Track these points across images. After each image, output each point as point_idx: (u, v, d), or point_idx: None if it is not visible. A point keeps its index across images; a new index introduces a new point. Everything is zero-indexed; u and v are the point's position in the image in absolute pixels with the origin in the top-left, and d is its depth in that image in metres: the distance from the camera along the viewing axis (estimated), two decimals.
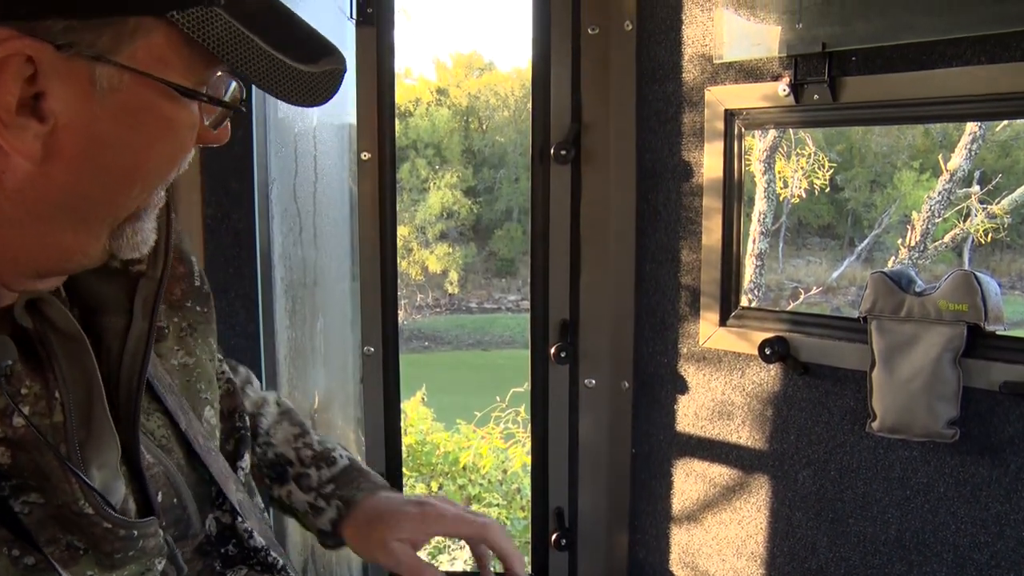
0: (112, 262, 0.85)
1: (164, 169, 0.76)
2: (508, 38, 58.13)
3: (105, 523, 0.78)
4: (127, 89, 0.69)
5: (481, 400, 7.00)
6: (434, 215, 27.04)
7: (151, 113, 0.72)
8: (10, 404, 0.73)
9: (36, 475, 0.74)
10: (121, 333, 0.86)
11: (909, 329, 1.96)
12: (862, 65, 1.98)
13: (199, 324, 1.01)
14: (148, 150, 0.73)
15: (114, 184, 0.73)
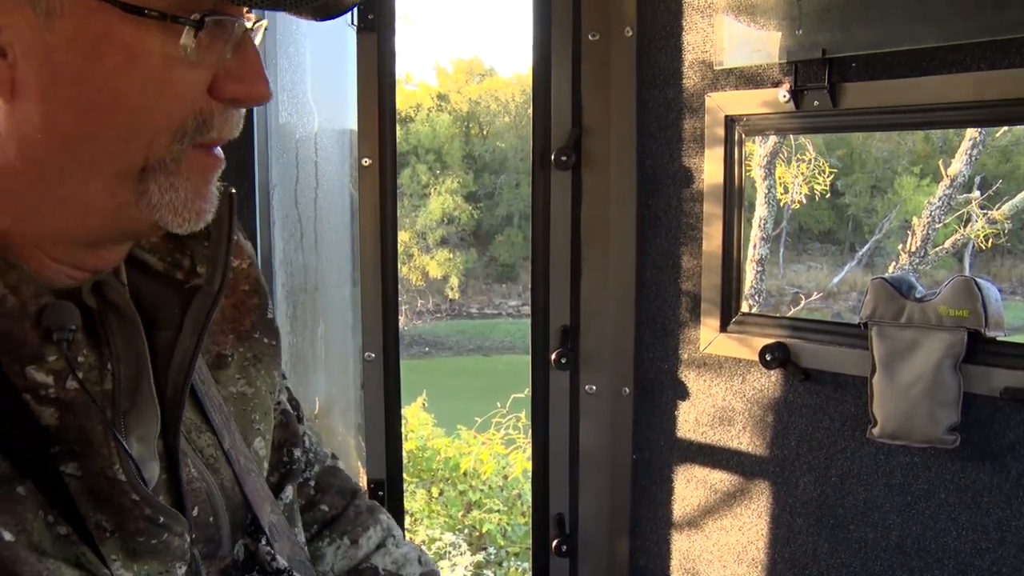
0: (165, 266, 0.88)
1: (151, 107, 0.73)
2: (509, 43, 58.22)
3: (134, 494, 0.79)
4: (72, 13, 0.68)
5: (482, 406, 7.00)
6: (435, 220, 27.09)
7: (108, 40, 0.69)
8: (67, 367, 0.76)
9: (79, 439, 0.76)
10: (170, 347, 0.87)
11: (910, 335, 1.96)
12: (862, 71, 1.99)
13: (264, 356, 1.02)
14: (115, 82, 0.71)
15: (98, 124, 0.72)
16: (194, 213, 0.78)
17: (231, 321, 0.99)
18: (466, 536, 5.95)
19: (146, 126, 0.73)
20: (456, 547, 5.75)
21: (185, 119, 0.74)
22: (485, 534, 5.91)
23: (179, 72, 0.72)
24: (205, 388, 0.95)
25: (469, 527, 6.00)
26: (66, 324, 0.76)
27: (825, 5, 2.00)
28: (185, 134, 0.75)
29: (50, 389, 0.75)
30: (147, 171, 0.75)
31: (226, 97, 0.76)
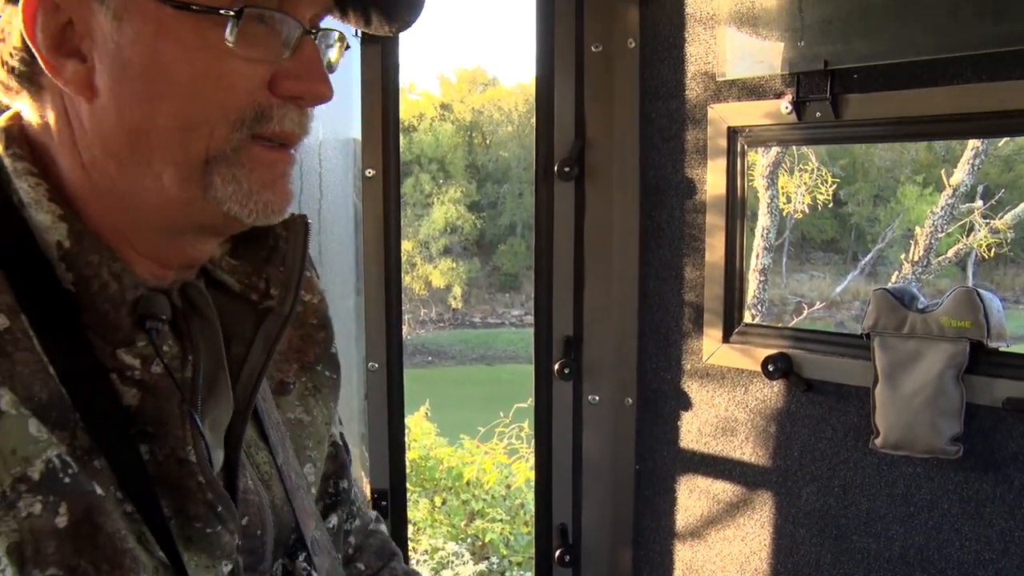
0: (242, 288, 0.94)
1: (206, 97, 0.78)
2: (511, 53, 58.30)
3: (200, 476, 0.84)
4: (136, 15, 0.75)
5: (485, 415, 7.01)
6: (438, 230, 27.10)
7: (164, 36, 0.76)
8: (154, 353, 0.82)
9: (155, 420, 0.82)
10: (240, 362, 0.93)
11: (912, 346, 1.96)
12: (864, 83, 2.00)
13: (324, 387, 1.08)
14: (173, 75, 0.77)
15: (161, 114, 0.78)
16: (261, 205, 0.82)
17: (296, 351, 1.06)
18: (469, 545, 5.94)
19: (203, 116, 0.78)
20: (459, 557, 5.74)
21: (242, 110, 0.79)
22: (488, 543, 5.90)
23: (230, 64, 0.77)
24: (266, 406, 1.00)
25: (472, 536, 5.99)
26: (158, 313, 0.82)
27: (827, 17, 2.01)
28: (243, 124, 0.79)
29: (136, 371, 0.82)
30: (210, 163, 0.79)
31: (284, 93, 0.81)
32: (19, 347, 0.75)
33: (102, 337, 0.80)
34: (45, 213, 0.80)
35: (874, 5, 1.95)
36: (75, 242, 0.80)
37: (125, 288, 0.81)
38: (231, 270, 0.94)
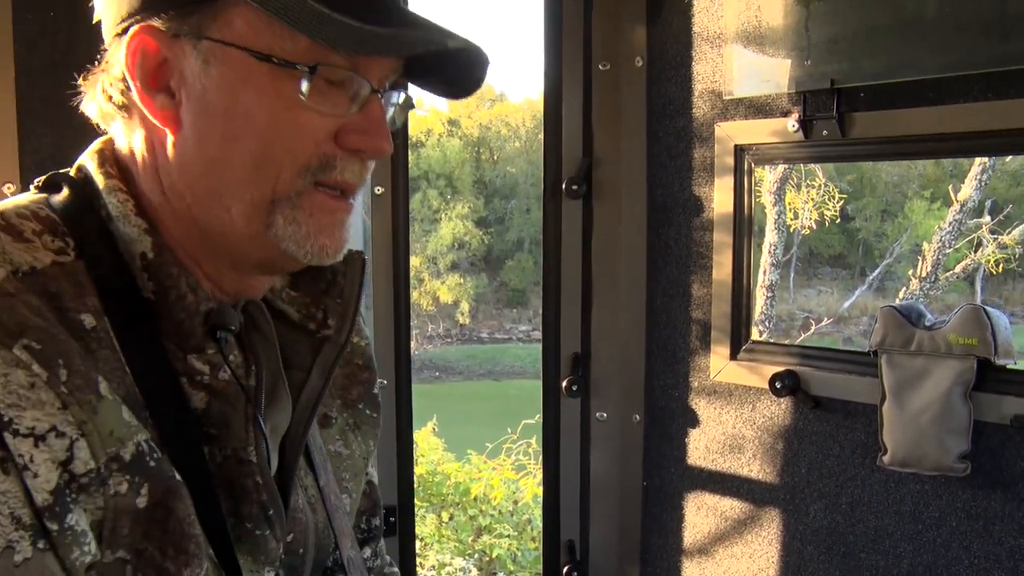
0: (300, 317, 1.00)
1: (277, 142, 0.84)
2: (519, 70, 58.47)
3: (258, 476, 0.90)
4: (222, 61, 0.83)
5: (492, 431, 7.00)
6: (445, 245, 27.15)
7: (245, 82, 0.83)
8: (222, 360, 0.89)
9: (220, 422, 0.88)
10: (299, 387, 0.99)
11: (919, 363, 1.97)
12: (870, 101, 2.00)
13: (364, 424, 1.17)
14: (250, 118, 0.84)
15: (236, 153, 0.85)
16: (316, 248, 0.89)
17: (341, 388, 1.14)
18: (476, 561, 5.93)
19: (273, 159, 0.85)
20: (466, 572, 5.73)
21: (308, 158, 0.86)
22: (495, 559, 5.88)
23: (302, 115, 0.84)
24: (312, 432, 1.05)
25: (479, 552, 5.98)
26: (228, 324, 0.89)
27: (833, 36, 2.02)
28: (308, 171, 0.86)
29: (205, 376, 0.88)
30: (275, 203, 0.86)
31: (348, 146, 0.87)
32: (102, 345, 0.81)
33: (176, 343, 0.87)
34: (132, 226, 0.87)
35: (880, 24, 1.96)
36: (157, 254, 0.87)
37: (199, 300, 0.88)
38: (291, 301, 1.01)
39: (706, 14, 2.22)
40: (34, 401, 0.73)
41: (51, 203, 0.89)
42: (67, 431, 0.74)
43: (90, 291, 0.83)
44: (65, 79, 1.92)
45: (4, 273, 0.77)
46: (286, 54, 0.82)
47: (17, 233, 0.82)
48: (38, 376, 0.73)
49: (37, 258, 0.81)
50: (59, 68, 1.91)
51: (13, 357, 0.73)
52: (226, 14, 0.83)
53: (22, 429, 0.72)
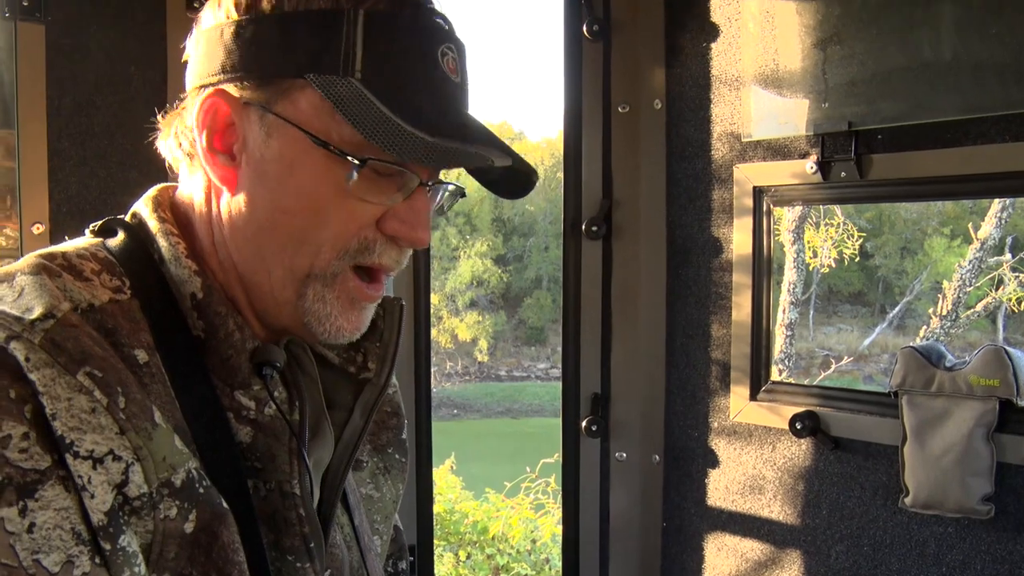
0: (341, 360, 1.04)
1: (322, 222, 0.89)
2: (537, 109, 58.81)
3: (301, 508, 0.93)
4: (283, 136, 0.88)
5: (510, 469, 6.98)
6: (464, 283, 27.18)
7: (301, 162, 0.88)
8: (267, 396, 0.92)
9: (265, 456, 0.91)
10: (341, 425, 1.02)
11: (940, 404, 1.96)
12: (888, 143, 2.02)
13: (393, 469, 1.20)
14: (299, 193, 0.89)
15: (282, 222, 0.90)
16: (334, 328, 0.93)
17: (371, 434, 1.17)
18: None
19: (316, 236, 0.89)
20: None
21: (348, 241, 0.90)
22: None
23: (348, 201, 0.89)
24: None
25: None
26: (274, 361, 0.92)
27: (851, 79, 2.04)
28: (347, 253, 0.91)
29: (251, 411, 0.91)
30: (310, 277, 0.91)
31: (388, 232, 0.92)
32: (154, 380, 0.85)
33: (223, 379, 0.91)
34: (183, 268, 0.91)
35: (897, 67, 1.98)
36: (206, 294, 0.91)
37: (246, 338, 0.92)
38: (330, 345, 1.03)
39: (724, 57, 2.25)
40: (94, 425, 0.76)
41: (107, 246, 0.93)
42: (123, 455, 0.77)
43: (144, 328, 0.87)
44: (93, 121, 1.96)
45: (68, 307, 0.81)
46: (342, 142, 0.87)
47: (78, 272, 0.87)
48: (99, 402, 0.77)
49: (96, 295, 0.85)
50: (87, 110, 1.95)
51: (77, 383, 0.76)
52: (294, 93, 0.88)
53: (82, 451, 0.75)
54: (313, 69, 0.87)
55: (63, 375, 0.76)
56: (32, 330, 0.77)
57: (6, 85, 1.86)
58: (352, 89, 0.86)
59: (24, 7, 1.83)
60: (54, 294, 0.81)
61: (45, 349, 0.76)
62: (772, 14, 2.16)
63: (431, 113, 0.89)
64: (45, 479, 0.74)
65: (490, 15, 61.60)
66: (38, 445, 0.74)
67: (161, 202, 0.96)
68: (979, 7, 1.87)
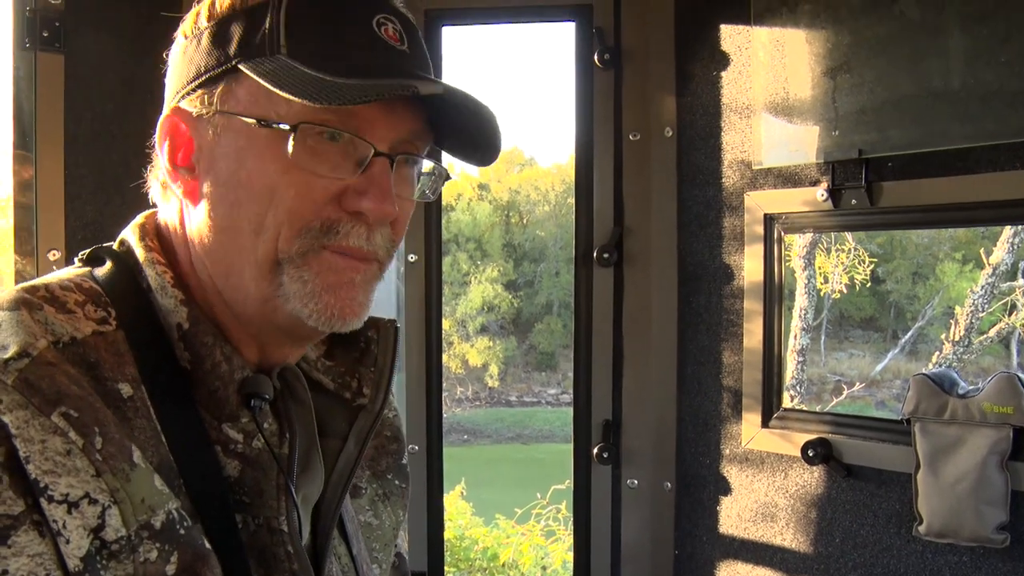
0: (336, 387, 1.03)
1: (277, 204, 0.87)
2: (548, 135, 59.03)
3: (290, 546, 0.91)
4: (230, 130, 0.88)
5: (521, 495, 6.95)
6: (475, 309, 27.19)
7: (248, 149, 0.88)
8: (256, 429, 0.91)
9: (253, 491, 0.90)
10: (334, 455, 1.01)
11: (953, 432, 1.96)
12: (898, 170, 2.02)
13: (393, 495, 1.18)
14: (251, 182, 0.87)
15: (241, 216, 0.88)
16: (322, 306, 0.89)
17: (370, 460, 1.15)
18: None
19: (271, 221, 0.87)
20: None
21: (306, 219, 0.88)
22: None
23: (296, 176, 0.87)
24: (344, 502, 1.06)
25: None
26: (262, 392, 0.90)
27: (860, 107, 2.05)
28: (310, 232, 0.88)
29: (239, 445, 0.90)
30: (281, 263, 0.88)
31: (350, 208, 0.89)
32: (138, 415, 0.83)
33: (210, 412, 0.89)
34: (169, 298, 0.90)
35: (907, 95, 1.99)
36: (192, 324, 0.89)
37: (234, 368, 0.90)
38: (325, 370, 1.03)
39: (734, 86, 2.26)
40: (69, 468, 0.74)
41: (95, 275, 0.92)
42: (100, 498, 0.76)
43: (129, 360, 0.85)
44: (110, 149, 1.98)
45: (45, 344, 0.79)
46: (279, 118, 0.86)
47: (60, 305, 0.85)
48: (74, 443, 0.75)
49: (78, 328, 0.83)
50: (103, 138, 1.97)
51: (51, 424, 0.74)
52: (234, 86, 0.88)
53: (56, 495, 0.74)
54: (241, 55, 0.87)
55: (37, 416, 0.74)
56: (5, 370, 0.75)
57: (26, 114, 1.88)
58: (279, 63, 0.85)
59: (44, 38, 1.85)
60: (31, 331, 0.80)
61: (18, 390, 0.74)
62: (782, 43, 2.18)
63: (361, 69, 0.87)
64: (18, 524, 0.72)
65: (501, 42, 61.97)
66: (11, 489, 0.72)
67: (148, 230, 0.95)
68: (988, 36, 1.88)
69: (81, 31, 1.91)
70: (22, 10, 1.84)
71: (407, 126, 0.91)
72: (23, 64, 1.87)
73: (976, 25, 1.90)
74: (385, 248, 0.93)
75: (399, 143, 0.91)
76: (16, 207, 1.92)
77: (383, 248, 0.93)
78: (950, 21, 1.93)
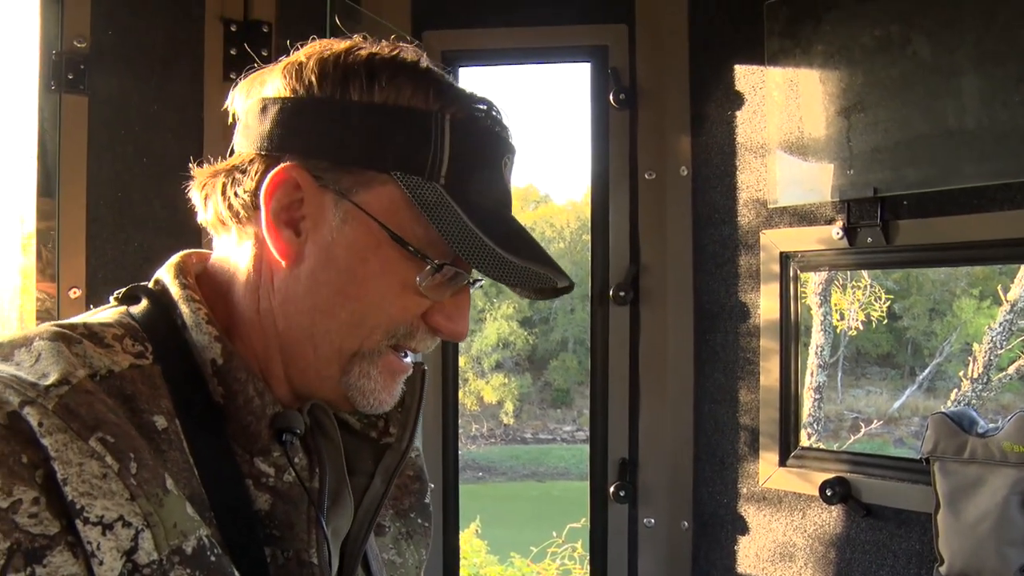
0: (362, 425, 1.05)
1: (380, 310, 0.91)
2: (563, 172, 59.24)
3: None
4: (358, 225, 0.89)
5: (536, 534, 6.90)
6: (490, 345, 27.16)
7: (373, 252, 0.89)
8: (287, 463, 0.91)
9: (283, 524, 0.91)
10: (361, 492, 1.02)
11: (973, 471, 1.94)
12: (914, 209, 2.03)
13: (416, 534, 1.19)
14: (365, 282, 0.90)
15: (341, 306, 0.90)
16: (376, 401, 0.94)
17: (393, 499, 1.16)
18: None
19: (372, 321, 0.91)
20: None
21: (399, 326, 0.92)
22: None
23: (412, 296, 0.91)
24: (370, 541, 1.08)
25: None
26: (293, 427, 0.92)
27: (875, 146, 2.06)
28: (394, 336, 0.92)
29: (270, 478, 0.91)
30: (356, 355, 0.92)
31: (432, 324, 0.94)
32: (172, 447, 0.84)
33: (242, 446, 0.90)
34: (203, 334, 0.91)
35: (921, 134, 2.00)
36: (226, 360, 0.90)
37: (266, 404, 0.91)
38: (352, 411, 1.03)
39: (749, 125, 2.28)
40: (105, 491, 0.76)
41: (131, 313, 0.93)
42: (134, 521, 0.77)
43: (164, 394, 0.87)
44: (130, 189, 2.01)
45: (84, 374, 0.81)
46: (417, 242, 0.89)
47: (99, 339, 0.87)
48: (110, 467, 0.76)
49: (116, 361, 0.85)
50: (125, 178, 2.00)
51: (89, 448, 0.76)
52: (375, 187, 0.89)
53: (92, 517, 0.75)
54: (400, 167, 0.88)
55: (75, 440, 0.76)
56: (46, 395, 0.77)
57: (50, 154, 1.90)
58: (436, 194, 0.88)
59: (69, 80, 1.88)
60: (71, 361, 0.81)
61: (59, 415, 0.76)
62: (796, 83, 2.19)
63: (496, 222, 0.91)
64: (54, 545, 0.73)
65: (515, 79, 62.43)
66: (48, 511, 0.74)
67: (184, 268, 0.96)
68: (1002, 77, 1.90)
69: (105, 73, 1.94)
70: (48, 53, 1.88)
71: None
72: (48, 106, 1.90)
73: (990, 66, 1.92)
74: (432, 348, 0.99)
75: None
76: (39, 245, 1.94)
77: None
78: (964, 62, 1.95)
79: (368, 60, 0.91)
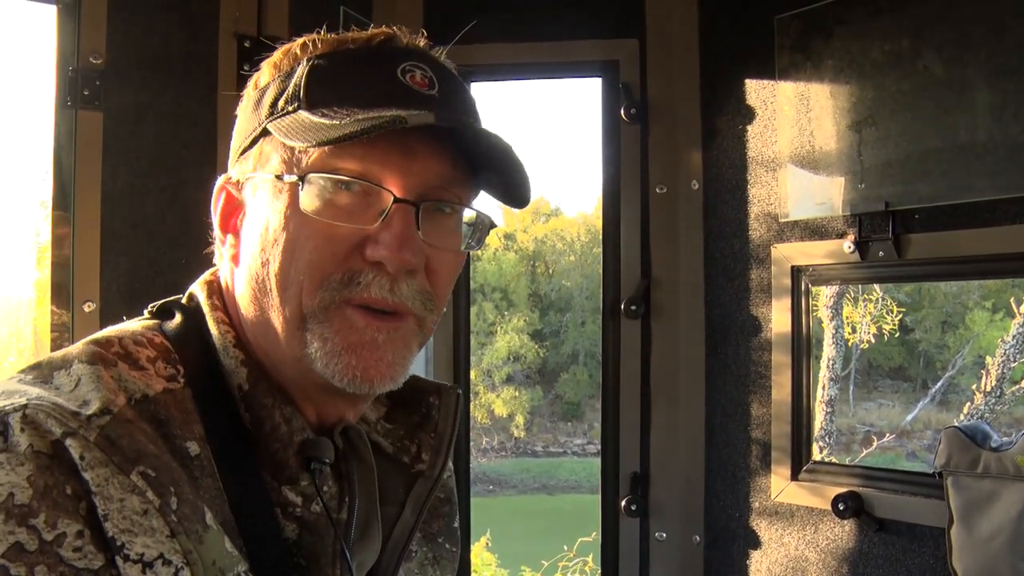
0: (395, 450, 1.03)
1: (297, 259, 0.86)
2: (573, 185, 59.30)
3: None
4: (258, 190, 0.91)
5: (547, 547, 6.89)
6: (501, 359, 27.16)
7: (269, 206, 0.89)
8: (315, 493, 0.90)
9: (309, 555, 0.89)
10: (392, 522, 1.00)
11: (987, 486, 1.93)
12: (925, 222, 2.03)
13: (443, 559, 1.15)
14: (275, 239, 0.87)
15: (268, 275, 0.88)
16: (342, 367, 0.86)
17: (423, 522, 1.09)
18: None
19: (294, 276, 0.87)
20: None
21: (326, 272, 0.86)
22: None
23: (314, 228, 0.86)
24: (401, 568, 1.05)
25: None
26: (322, 456, 0.90)
27: (886, 160, 2.06)
28: (330, 285, 0.86)
29: (297, 508, 0.89)
30: (306, 320, 0.87)
31: (371, 258, 0.86)
32: (204, 473, 0.83)
33: (271, 473, 0.89)
34: (231, 358, 0.91)
35: (933, 148, 2.00)
36: (252, 386, 0.90)
37: (293, 430, 0.90)
38: (385, 433, 1.03)
39: (760, 139, 2.28)
40: (145, 528, 0.75)
41: (164, 329, 0.93)
42: (174, 559, 0.76)
43: (195, 419, 0.85)
44: (144, 203, 2.02)
45: (124, 401, 0.80)
46: (296, 171, 0.87)
47: (133, 361, 0.86)
48: (151, 503, 0.76)
49: (149, 385, 0.84)
50: (140, 192, 2.01)
51: (130, 483, 0.75)
52: (265, 147, 0.90)
53: (132, 555, 0.74)
54: (270, 115, 0.90)
55: (117, 475, 0.75)
56: (88, 426, 0.76)
57: (65, 169, 1.92)
58: (296, 118, 0.87)
59: (84, 96, 1.90)
60: (110, 387, 0.81)
61: (100, 447, 0.75)
62: (807, 97, 2.20)
63: (370, 113, 0.84)
64: None
65: (527, 93, 62.55)
66: (92, 544, 0.73)
67: (214, 287, 0.96)
68: (1014, 90, 1.90)
69: (120, 89, 1.96)
70: (65, 70, 1.89)
71: (434, 171, 0.88)
72: (64, 122, 1.91)
73: (1002, 80, 1.92)
74: (418, 300, 0.88)
75: (429, 190, 0.88)
76: (54, 260, 1.95)
77: (413, 300, 0.88)
78: (975, 76, 1.95)
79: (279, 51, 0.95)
